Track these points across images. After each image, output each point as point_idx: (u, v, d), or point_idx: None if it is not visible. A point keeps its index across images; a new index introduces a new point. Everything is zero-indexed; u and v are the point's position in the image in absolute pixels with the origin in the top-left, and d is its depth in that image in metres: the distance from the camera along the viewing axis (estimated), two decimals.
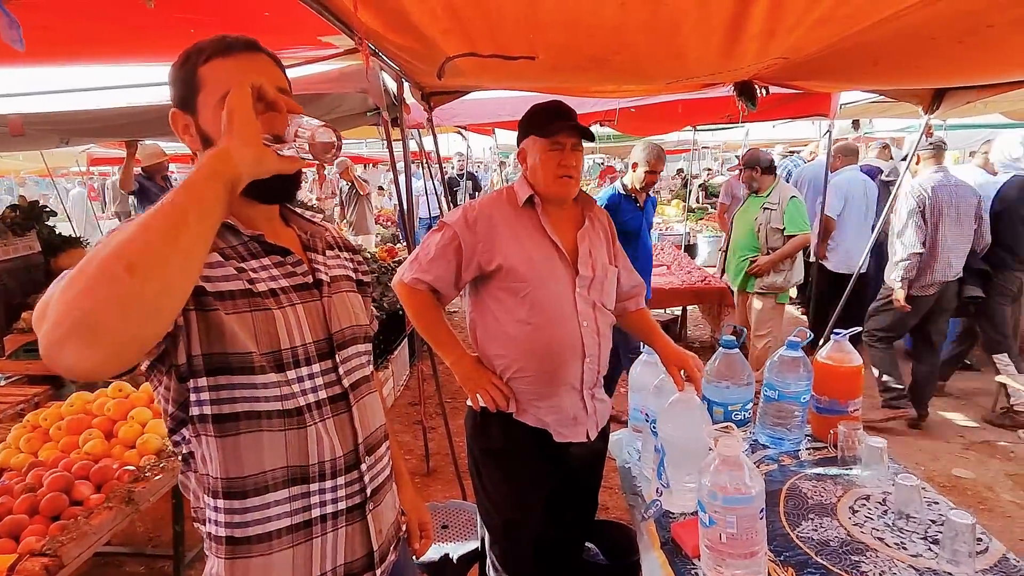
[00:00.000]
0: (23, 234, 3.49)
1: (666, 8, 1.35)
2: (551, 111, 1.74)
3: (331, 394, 1.10)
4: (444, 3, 1.36)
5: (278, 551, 1.03)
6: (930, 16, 1.52)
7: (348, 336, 1.16)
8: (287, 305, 1.06)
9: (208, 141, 1.01)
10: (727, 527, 1.39)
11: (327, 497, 1.08)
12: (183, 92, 1.02)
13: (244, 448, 1.00)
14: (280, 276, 1.07)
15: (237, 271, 1.01)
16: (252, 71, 0.99)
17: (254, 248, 1.07)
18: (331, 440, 1.08)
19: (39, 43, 2.11)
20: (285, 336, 1.04)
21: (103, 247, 0.77)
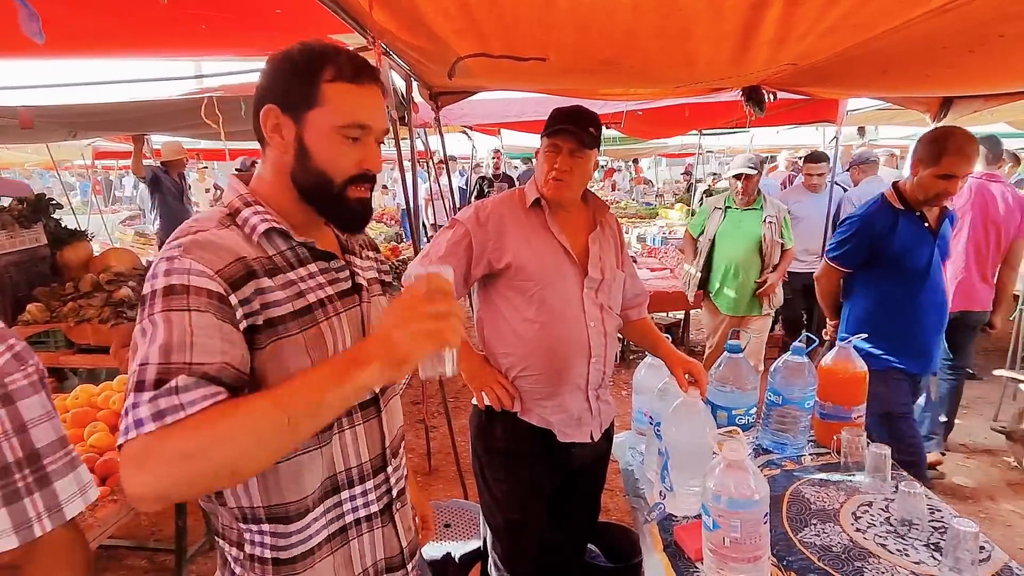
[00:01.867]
0: (29, 226, 3.49)
1: (680, 13, 1.36)
2: (562, 114, 1.74)
3: (361, 400, 1.08)
4: (458, 3, 1.37)
5: (319, 561, 1.05)
6: (940, 25, 1.53)
7: None
8: (332, 315, 1.04)
9: (303, 154, 0.99)
10: (731, 531, 1.39)
11: (358, 503, 1.10)
12: (294, 96, 0.98)
13: (284, 476, 1.00)
14: (326, 283, 1.06)
15: (286, 285, 0.99)
16: (376, 108, 1.02)
17: (302, 253, 1.05)
18: (356, 445, 1.09)
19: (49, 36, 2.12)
20: (331, 349, 1.02)
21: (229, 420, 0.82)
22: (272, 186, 1.04)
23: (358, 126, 0.99)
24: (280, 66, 1.00)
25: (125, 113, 3.25)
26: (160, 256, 0.93)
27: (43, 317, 3.34)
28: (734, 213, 4.00)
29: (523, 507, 1.88)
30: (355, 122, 0.98)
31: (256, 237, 0.99)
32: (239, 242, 0.97)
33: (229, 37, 2.15)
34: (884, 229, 2.51)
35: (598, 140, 1.78)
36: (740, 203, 3.95)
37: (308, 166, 1.00)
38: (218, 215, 1.01)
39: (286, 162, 1.01)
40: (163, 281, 0.88)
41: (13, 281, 3.39)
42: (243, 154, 7.18)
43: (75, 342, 3.35)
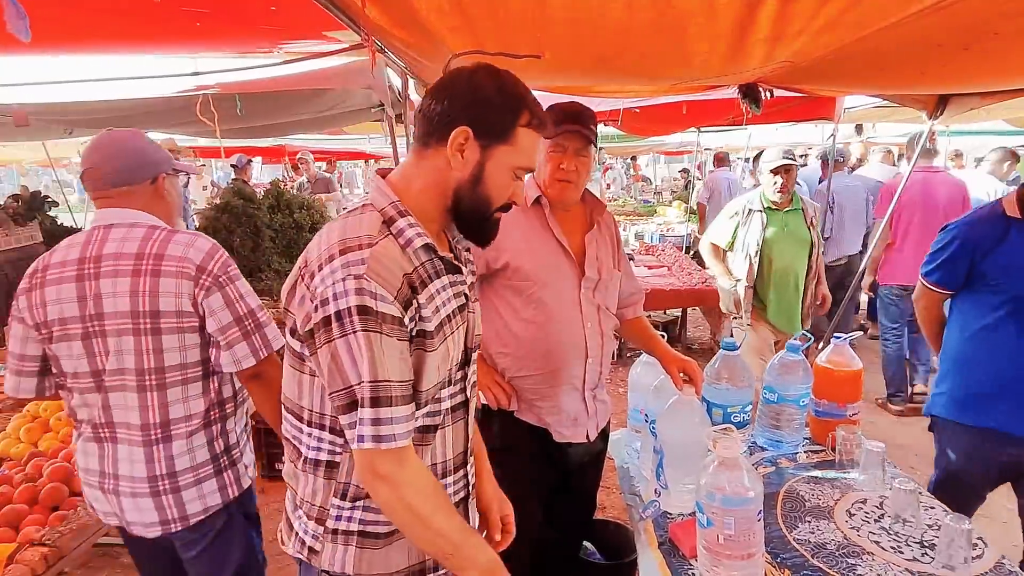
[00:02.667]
0: (25, 224, 3.49)
1: (673, 11, 1.36)
2: (564, 113, 1.73)
3: (454, 403, 1.19)
4: (452, 0, 1.37)
5: (397, 540, 1.15)
6: (936, 23, 1.53)
7: (476, 344, 1.25)
8: (456, 328, 1.14)
9: (478, 178, 1.09)
10: (725, 528, 1.40)
11: (448, 491, 1.19)
12: (492, 128, 1.07)
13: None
14: (452, 297, 1.13)
15: (430, 299, 1.08)
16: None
17: (439, 266, 1.12)
18: (445, 444, 1.18)
19: (43, 33, 2.11)
20: (448, 363, 1.12)
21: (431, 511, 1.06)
22: (424, 193, 1.11)
23: (527, 169, 1.13)
24: (484, 96, 1.07)
25: (121, 110, 3.24)
26: (337, 267, 0.99)
27: None
28: (776, 216, 3.34)
29: (519, 505, 1.88)
30: (528, 166, 1.13)
31: (410, 251, 1.07)
32: (399, 256, 1.05)
33: (225, 34, 2.14)
34: (990, 241, 2.01)
35: (596, 135, 1.78)
36: (780, 203, 3.33)
37: (477, 189, 1.09)
38: (377, 223, 1.06)
39: (455, 178, 1.09)
40: (355, 300, 0.98)
41: (8, 278, 3.39)
42: (239, 151, 7.16)
43: None
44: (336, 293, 0.97)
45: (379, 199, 1.10)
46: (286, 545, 1.20)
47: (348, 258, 0.99)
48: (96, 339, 1.45)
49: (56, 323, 1.46)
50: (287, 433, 1.17)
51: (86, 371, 1.48)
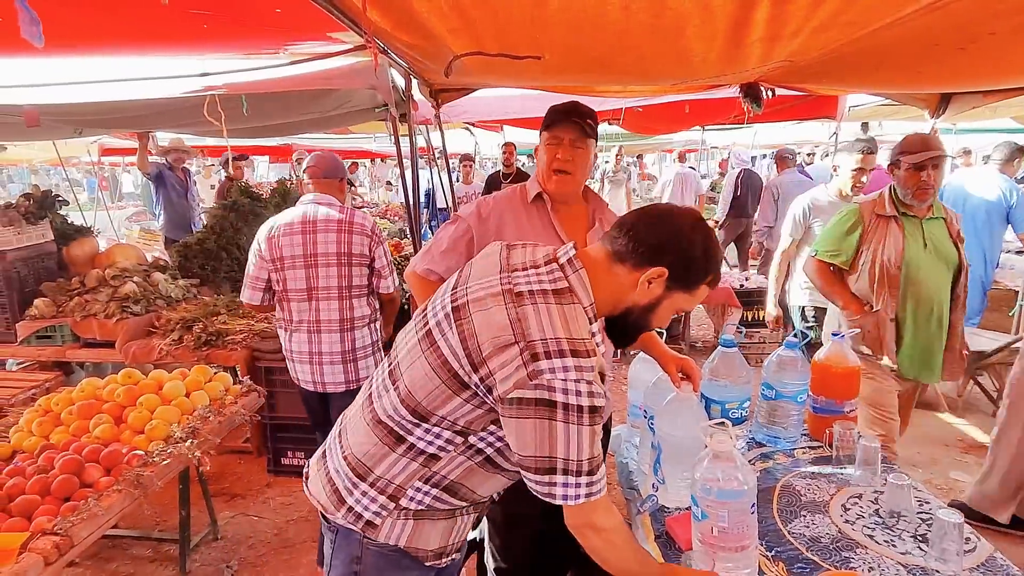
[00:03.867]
0: (36, 223, 3.55)
1: (670, 12, 1.38)
2: (560, 110, 1.76)
3: None
4: (452, 2, 1.39)
5: (443, 520, 1.34)
6: (932, 23, 1.54)
7: None
8: None
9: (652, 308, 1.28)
10: (719, 520, 1.42)
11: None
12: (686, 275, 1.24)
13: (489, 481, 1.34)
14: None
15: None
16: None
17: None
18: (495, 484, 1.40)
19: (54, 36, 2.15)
20: None
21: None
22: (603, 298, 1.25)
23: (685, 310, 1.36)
24: (691, 254, 1.23)
25: (129, 111, 3.29)
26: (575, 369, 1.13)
27: (50, 312, 3.40)
28: (913, 224, 2.57)
29: (519, 500, 1.90)
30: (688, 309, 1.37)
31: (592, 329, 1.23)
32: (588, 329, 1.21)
33: (231, 36, 2.18)
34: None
35: (596, 132, 1.80)
36: (919, 208, 2.53)
37: (647, 316, 1.28)
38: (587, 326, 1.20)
39: (633, 299, 1.25)
40: (587, 401, 1.14)
41: (20, 276, 3.45)
42: (244, 151, 7.25)
43: (81, 336, 3.41)
44: (569, 390, 1.12)
45: (583, 296, 1.23)
46: (336, 515, 1.32)
47: (580, 363, 1.14)
48: (312, 268, 2.57)
49: (288, 258, 2.57)
50: (391, 420, 1.27)
51: (303, 287, 2.59)
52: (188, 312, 3.43)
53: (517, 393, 1.14)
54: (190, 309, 3.49)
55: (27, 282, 3.50)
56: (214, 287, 4.04)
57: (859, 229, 2.64)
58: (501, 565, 1.94)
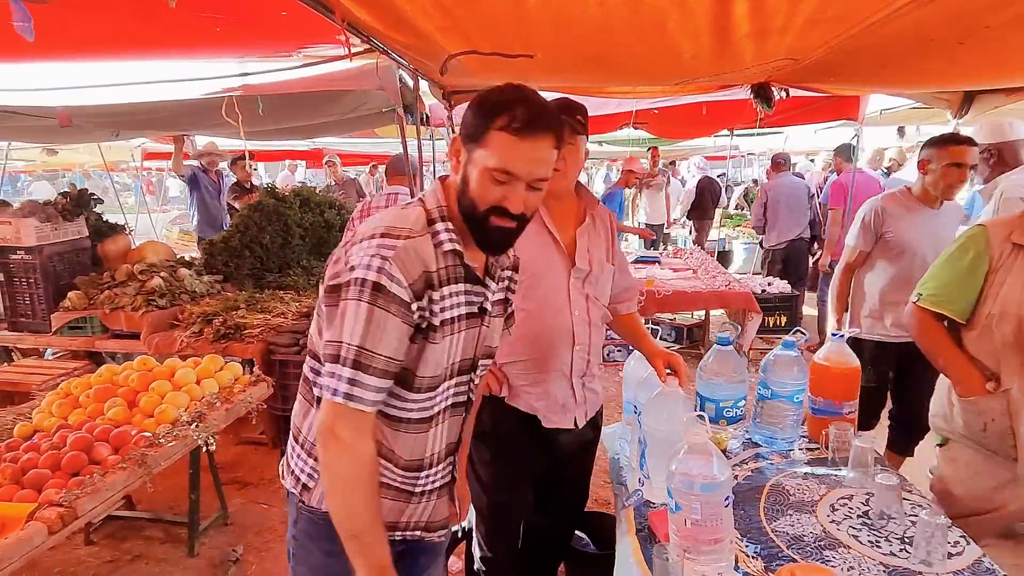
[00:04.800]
0: (72, 220, 3.74)
1: (647, 8, 1.39)
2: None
3: (456, 401, 1.31)
4: (434, 2, 1.44)
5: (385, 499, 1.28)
6: (926, 18, 1.53)
7: (485, 355, 1.34)
8: (456, 332, 1.22)
9: (464, 181, 1.18)
10: (692, 513, 1.42)
11: (432, 479, 1.33)
12: (471, 131, 1.16)
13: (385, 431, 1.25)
14: (463, 304, 1.22)
15: (443, 298, 1.18)
16: (531, 160, 1.13)
17: (459, 273, 1.21)
18: (443, 436, 1.32)
19: (83, 39, 2.29)
20: (445, 360, 1.22)
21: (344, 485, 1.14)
22: (453, 203, 1.22)
23: (505, 172, 1.12)
24: (474, 102, 1.18)
25: (160, 112, 3.45)
26: (373, 244, 1.12)
27: (82, 304, 3.58)
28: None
29: (507, 490, 1.93)
30: (503, 169, 1.12)
31: (440, 252, 1.18)
32: (429, 252, 1.17)
33: (242, 39, 2.28)
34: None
35: (586, 128, 1.81)
36: None
37: (467, 192, 1.17)
38: (422, 220, 1.19)
39: (457, 183, 1.20)
40: (374, 276, 1.10)
41: (56, 270, 3.64)
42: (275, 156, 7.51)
43: (109, 327, 3.58)
44: (363, 264, 1.10)
45: (430, 200, 1.23)
46: (285, 479, 1.35)
47: (385, 242, 1.13)
48: None
49: None
50: (307, 371, 1.30)
51: None
52: (209, 306, 3.56)
53: (336, 281, 1.14)
54: (212, 304, 3.62)
55: (62, 275, 3.69)
56: (237, 283, 4.18)
57: (984, 264, 1.84)
58: (487, 554, 1.97)
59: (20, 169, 15.60)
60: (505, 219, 1.16)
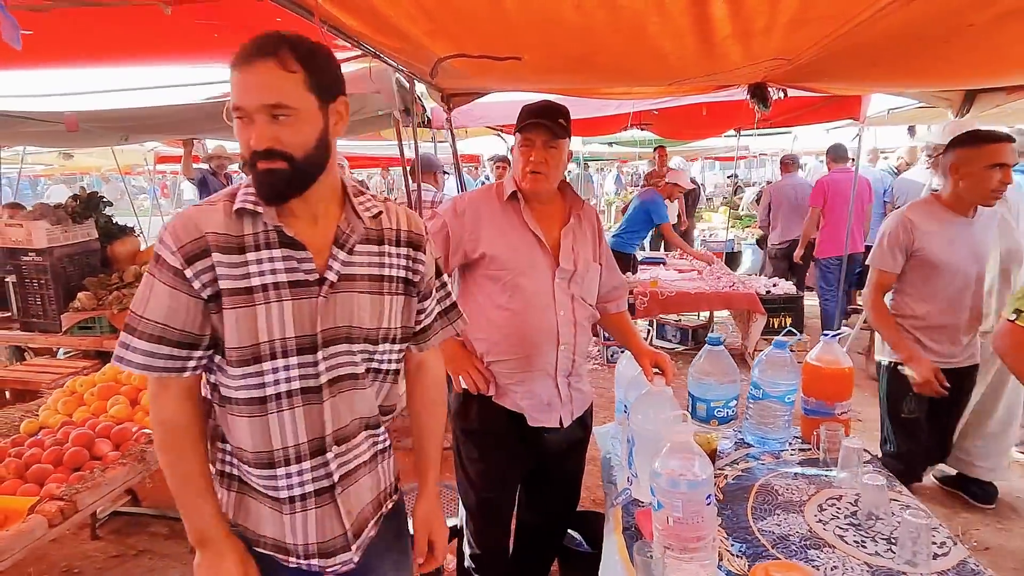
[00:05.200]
0: (82, 222, 3.81)
1: (623, 10, 1.41)
2: (530, 110, 1.79)
3: (304, 386, 1.16)
4: (417, 6, 1.46)
5: (268, 502, 1.21)
6: (911, 17, 1.53)
7: (342, 335, 1.19)
8: (273, 301, 1.12)
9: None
10: (673, 511, 1.43)
11: (293, 481, 1.19)
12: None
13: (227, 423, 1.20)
14: (282, 270, 1.13)
15: (237, 265, 1.10)
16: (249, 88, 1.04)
17: (271, 238, 1.13)
18: (294, 427, 1.17)
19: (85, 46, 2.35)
20: (264, 332, 1.12)
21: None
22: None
23: (238, 109, 1.06)
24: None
25: (165, 116, 3.51)
26: (172, 220, 1.13)
27: (91, 304, 3.64)
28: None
29: (495, 487, 1.96)
30: (236, 107, 1.06)
31: (231, 215, 1.12)
32: (218, 219, 1.12)
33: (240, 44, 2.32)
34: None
35: (568, 130, 1.83)
36: None
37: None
38: (231, 190, 1.17)
39: None
40: (155, 247, 1.12)
41: (66, 272, 3.70)
42: None
43: (118, 328, 3.64)
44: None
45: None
46: None
47: (184, 213, 1.14)
48: None
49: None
50: None
51: None
52: None
53: None
54: None
55: (72, 277, 3.75)
56: None
57: None
58: (476, 551, 1.99)
59: (39, 173, 15.94)
60: (268, 160, 1.07)
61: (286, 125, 1.06)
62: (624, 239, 5.56)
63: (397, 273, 1.27)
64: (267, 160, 1.06)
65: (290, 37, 1.09)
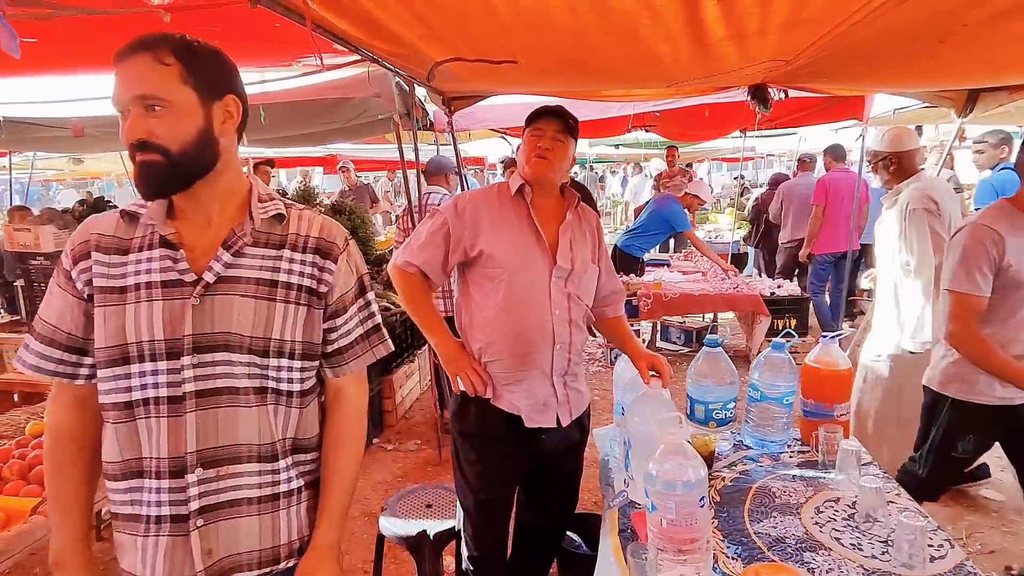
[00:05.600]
0: None
1: (615, 13, 1.41)
2: (543, 107, 1.84)
3: (170, 394, 1.09)
4: (410, 11, 1.47)
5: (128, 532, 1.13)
6: (905, 18, 1.53)
7: (219, 342, 1.10)
8: (143, 300, 1.09)
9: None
10: (667, 513, 1.43)
11: (152, 498, 1.10)
12: None
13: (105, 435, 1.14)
14: (156, 270, 1.10)
15: (116, 265, 1.11)
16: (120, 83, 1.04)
17: (152, 240, 1.12)
18: (157, 438, 1.09)
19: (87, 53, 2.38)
20: (130, 329, 1.08)
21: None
22: None
23: (115, 104, 1.06)
24: None
25: None
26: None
27: None
28: None
29: (493, 489, 1.96)
30: (113, 101, 1.06)
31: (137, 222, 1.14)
32: (110, 222, 1.15)
33: (239, 51, 2.35)
34: None
35: (576, 132, 1.85)
36: None
37: None
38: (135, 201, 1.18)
39: None
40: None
41: None
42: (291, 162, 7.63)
43: None
44: None
45: None
46: None
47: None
48: None
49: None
50: None
51: None
52: None
53: None
54: None
55: None
56: None
57: None
58: (474, 553, 1.99)
59: (51, 178, 16.12)
60: (143, 152, 1.05)
61: (160, 118, 1.04)
62: (636, 243, 5.54)
63: (297, 280, 1.17)
64: (142, 152, 1.04)
65: (170, 34, 1.08)
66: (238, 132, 1.17)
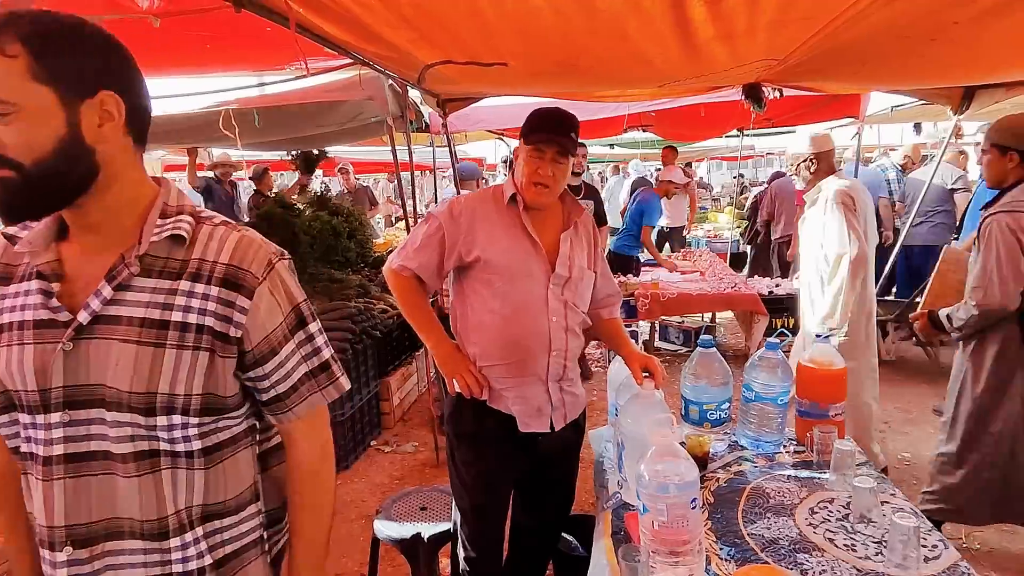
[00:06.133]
0: None
1: (601, 14, 1.41)
2: (543, 117, 1.78)
3: (45, 454, 0.92)
4: (397, 14, 1.47)
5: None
6: (895, 16, 1.52)
7: (95, 396, 0.91)
8: (16, 343, 0.92)
9: None
10: (658, 514, 1.43)
11: (48, 570, 0.95)
12: None
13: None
14: (31, 306, 0.92)
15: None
16: None
17: (31, 269, 0.94)
18: (56, 503, 0.92)
19: None
20: (7, 377, 0.92)
21: None
22: None
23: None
24: None
25: (161, 126, 3.54)
26: None
27: None
28: None
29: (489, 491, 1.96)
30: None
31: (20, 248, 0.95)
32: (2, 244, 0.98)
33: (232, 55, 2.35)
34: None
35: (577, 143, 1.82)
36: None
37: None
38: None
39: None
40: None
41: None
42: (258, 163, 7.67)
43: None
44: None
45: None
46: None
47: None
48: None
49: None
50: None
51: None
52: None
53: None
54: None
55: None
56: None
57: None
58: (471, 554, 1.99)
59: None
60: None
61: (8, 124, 0.82)
62: (626, 241, 5.55)
63: (196, 320, 0.94)
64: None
65: (16, 13, 0.83)
66: (134, 134, 0.94)
